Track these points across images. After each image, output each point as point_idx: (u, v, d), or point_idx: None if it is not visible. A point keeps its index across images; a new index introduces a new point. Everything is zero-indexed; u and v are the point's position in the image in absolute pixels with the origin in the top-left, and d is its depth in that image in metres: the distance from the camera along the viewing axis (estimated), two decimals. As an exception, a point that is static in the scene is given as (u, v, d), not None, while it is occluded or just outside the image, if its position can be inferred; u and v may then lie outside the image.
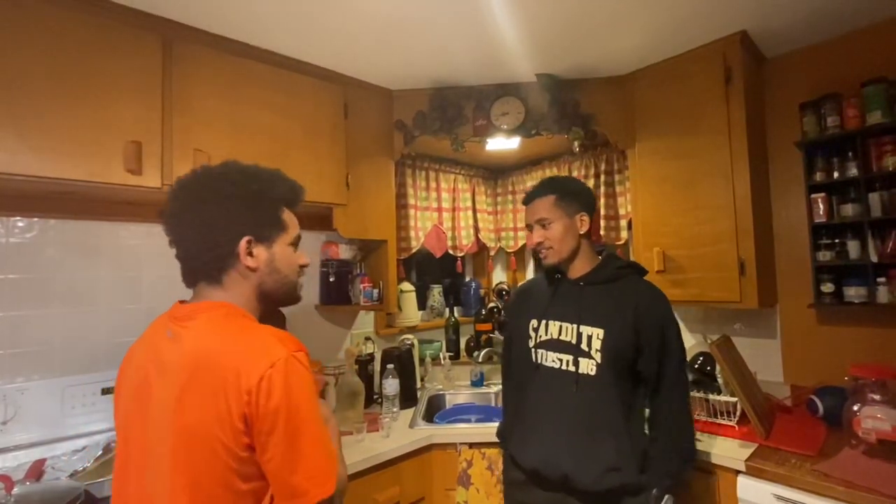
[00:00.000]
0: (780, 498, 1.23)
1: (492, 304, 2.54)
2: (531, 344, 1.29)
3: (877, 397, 1.33)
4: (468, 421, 1.87)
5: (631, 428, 1.17)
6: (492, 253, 2.82)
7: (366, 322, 2.18)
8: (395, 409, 1.75)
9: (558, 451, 1.18)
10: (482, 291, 2.74)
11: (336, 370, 1.84)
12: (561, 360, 1.22)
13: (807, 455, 1.30)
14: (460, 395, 2.09)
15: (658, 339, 1.17)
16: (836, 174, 1.61)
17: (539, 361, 1.26)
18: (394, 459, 1.48)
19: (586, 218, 1.26)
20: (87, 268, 1.50)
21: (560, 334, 1.23)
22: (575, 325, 1.21)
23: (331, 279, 1.94)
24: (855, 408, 1.36)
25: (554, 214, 1.24)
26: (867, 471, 1.19)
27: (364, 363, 1.90)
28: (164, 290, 1.63)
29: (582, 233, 1.26)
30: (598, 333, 1.18)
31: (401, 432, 1.61)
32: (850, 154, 1.57)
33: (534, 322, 1.30)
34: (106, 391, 1.45)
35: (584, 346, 1.19)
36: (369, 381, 1.91)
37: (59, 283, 1.44)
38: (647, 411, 1.24)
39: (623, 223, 2.19)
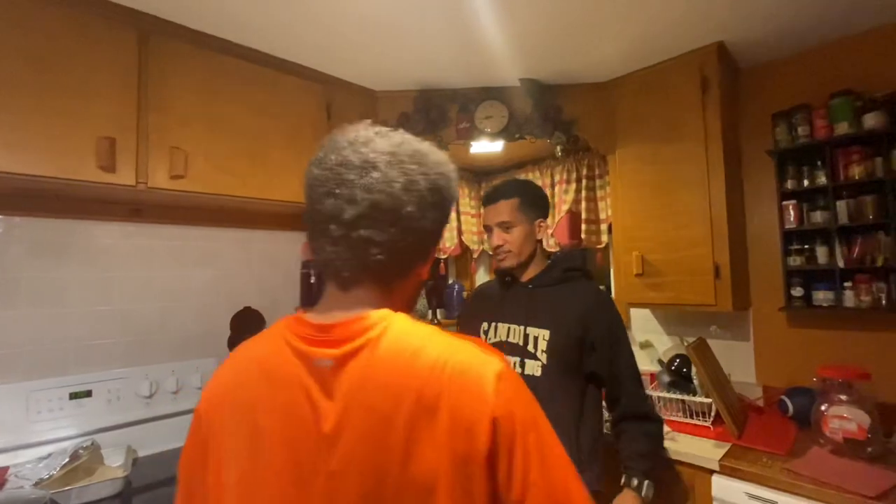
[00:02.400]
0: (752, 496, 1.27)
1: (474, 307, 2.54)
2: None
3: (843, 397, 1.38)
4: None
5: (581, 429, 1.17)
6: (475, 255, 2.82)
7: (347, 324, 2.15)
8: (375, 413, 1.73)
9: None
10: (465, 293, 2.75)
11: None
12: (511, 363, 1.24)
13: (778, 454, 1.34)
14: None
15: (609, 337, 1.21)
16: (806, 182, 1.66)
17: None
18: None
19: (544, 224, 1.30)
20: (56, 267, 1.44)
21: (508, 336, 1.26)
22: (522, 327, 1.24)
23: (312, 280, 1.91)
24: (823, 408, 1.41)
25: (516, 218, 1.25)
26: (834, 469, 1.24)
27: (345, 366, 1.88)
28: (138, 291, 1.59)
29: (539, 238, 1.29)
30: (543, 334, 1.20)
31: (381, 436, 1.60)
32: (819, 163, 1.63)
33: (484, 325, 1.32)
34: (74, 396, 1.40)
35: (530, 347, 1.21)
36: (350, 384, 1.89)
37: (26, 284, 1.39)
38: (604, 412, 1.28)
39: (604, 227, 2.22)
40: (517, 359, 1.23)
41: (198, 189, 1.44)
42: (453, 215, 2.66)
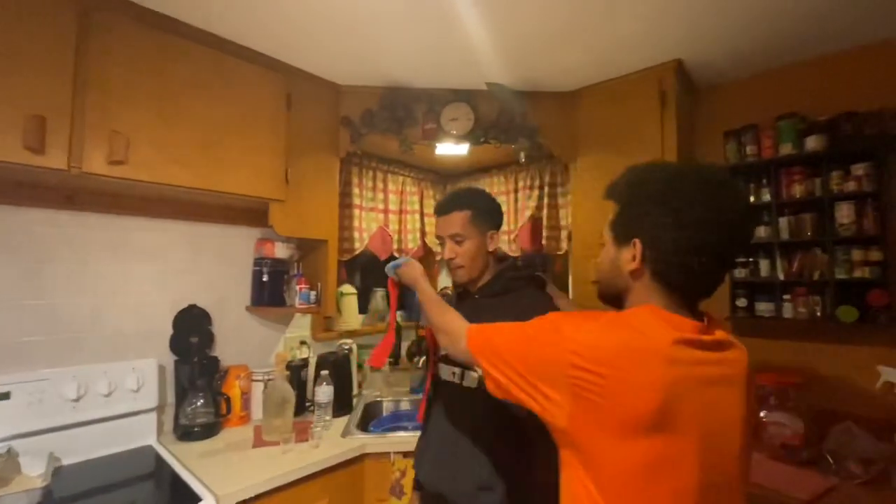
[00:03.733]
0: None
1: (435, 310, 2.52)
2: (436, 358, 1.29)
3: (780, 404, 1.46)
4: (405, 429, 1.83)
5: (508, 446, 1.10)
6: (437, 258, 2.80)
7: (302, 325, 2.08)
8: (327, 418, 1.67)
9: (438, 466, 1.17)
10: (426, 296, 2.71)
11: (265, 376, 1.73)
12: (454, 373, 1.21)
13: (720, 459, 1.39)
14: (399, 402, 2.05)
15: None
16: (752, 198, 1.75)
17: (440, 375, 1.26)
18: (323, 471, 1.41)
19: (496, 235, 1.25)
20: (-28, 256, 1.31)
21: None
22: None
23: (264, 279, 1.83)
24: (762, 414, 1.48)
25: (468, 231, 1.21)
26: (772, 473, 1.29)
27: (297, 369, 1.81)
28: (69, 285, 1.46)
29: (491, 250, 1.25)
30: None
31: (332, 442, 1.55)
32: (764, 181, 1.71)
33: None
34: (-1, 397, 1.27)
35: None
36: (302, 388, 1.82)
37: (-66, 273, 1.25)
38: None
39: (564, 234, 2.25)
40: (458, 370, 1.19)
41: (140, 177, 1.34)
42: (417, 216, 2.63)
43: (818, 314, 1.59)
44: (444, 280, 2.89)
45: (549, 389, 0.72)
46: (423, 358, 2.07)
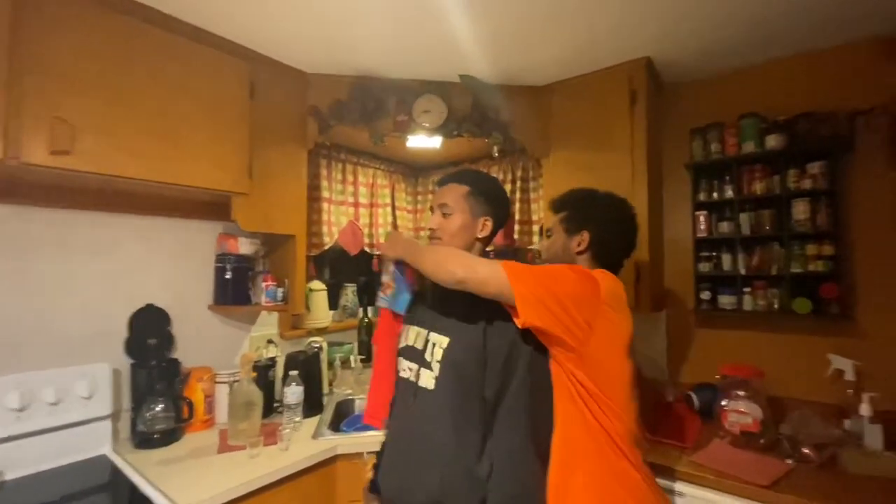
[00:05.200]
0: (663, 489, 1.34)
1: (406, 305, 2.49)
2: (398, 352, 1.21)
3: (741, 393, 1.52)
4: (377, 428, 1.79)
5: (465, 458, 0.98)
6: (409, 252, 2.76)
7: (269, 324, 2.00)
8: (297, 419, 1.62)
9: (389, 473, 1.11)
10: (397, 291, 2.68)
11: (230, 377, 1.66)
12: (410, 370, 1.10)
13: (685, 447, 1.44)
14: (370, 399, 2.01)
15: (504, 355, 1.00)
16: (715, 195, 1.80)
17: (399, 370, 1.16)
18: (294, 474, 1.37)
19: (489, 224, 1.15)
20: None
21: (415, 341, 1.12)
22: (426, 332, 1.10)
23: (227, 276, 1.75)
24: (723, 403, 1.53)
25: (458, 206, 1.14)
26: (732, 459, 1.35)
27: (264, 369, 1.74)
28: (10, 285, 1.34)
29: (479, 237, 1.15)
30: (442, 342, 1.05)
31: (303, 444, 1.50)
32: (727, 178, 1.77)
33: (404, 327, 1.20)
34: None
35: (427, 355, 1.07)
36: (270, 389, 1.76)
37: None
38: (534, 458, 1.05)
39: (536, 228, 2.27)
40: (416, 366, 1.09)
41: (87, 168, 1.24)
42: (388, 210, 2.59)
43: (775, 306, 1.66)
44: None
45: (587, 317, 0.95)
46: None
